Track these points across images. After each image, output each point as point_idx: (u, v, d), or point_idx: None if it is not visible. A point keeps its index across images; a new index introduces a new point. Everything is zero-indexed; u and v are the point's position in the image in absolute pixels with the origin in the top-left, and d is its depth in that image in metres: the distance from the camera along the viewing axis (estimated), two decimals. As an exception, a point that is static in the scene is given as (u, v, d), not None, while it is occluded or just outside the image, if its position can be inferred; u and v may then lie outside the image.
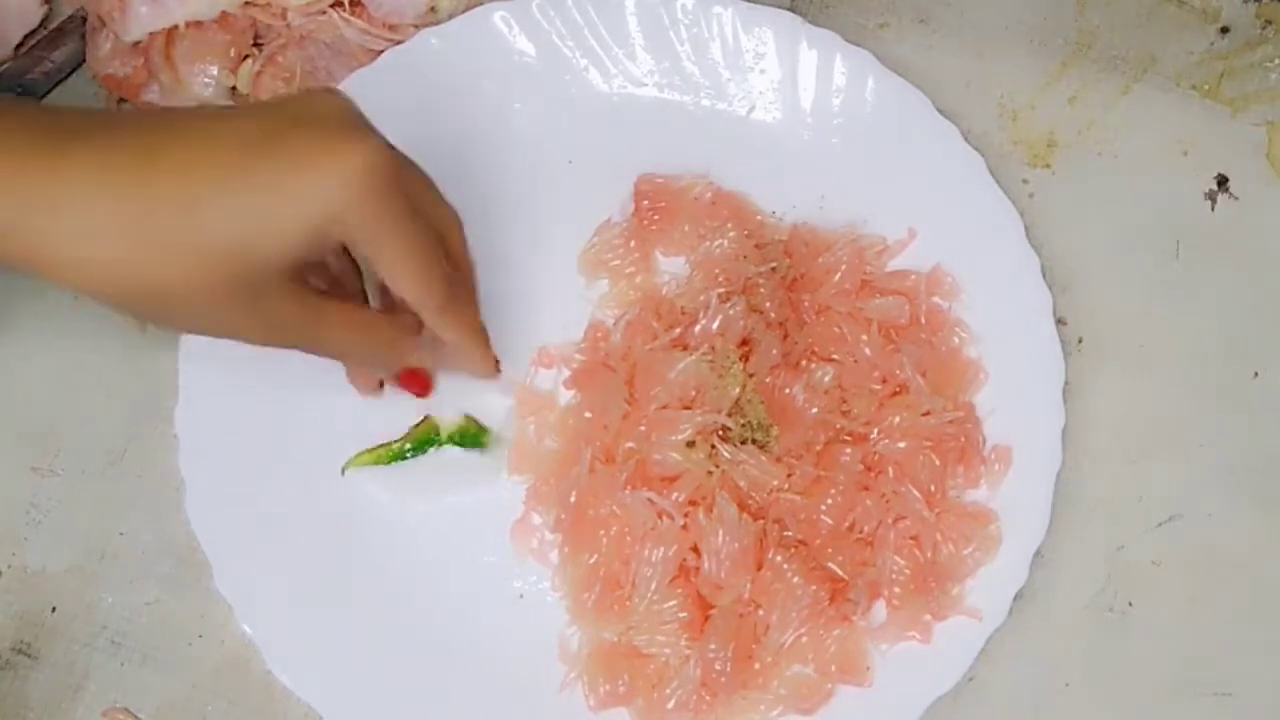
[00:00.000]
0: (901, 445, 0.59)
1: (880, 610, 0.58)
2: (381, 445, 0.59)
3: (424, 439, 0.59)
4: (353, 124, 0.47)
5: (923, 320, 0.61)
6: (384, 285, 0.52)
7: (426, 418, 0.60)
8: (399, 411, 0.60)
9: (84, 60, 0.65)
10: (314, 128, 0.46)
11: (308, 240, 0.46)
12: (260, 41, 0.64)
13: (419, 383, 0.59)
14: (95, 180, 0.44)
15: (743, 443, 0.58)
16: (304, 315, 0.49)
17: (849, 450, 0.58)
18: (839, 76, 0.63)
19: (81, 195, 0.44)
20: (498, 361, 0.56)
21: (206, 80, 0.63)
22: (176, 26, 0.63)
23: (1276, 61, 0.68)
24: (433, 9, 0.64)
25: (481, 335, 0.55)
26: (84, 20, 0.65)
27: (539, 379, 0.61)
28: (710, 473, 0.57)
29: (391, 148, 0.48)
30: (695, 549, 0.57)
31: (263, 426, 0.59)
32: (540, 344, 0.61)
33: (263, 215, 0.45)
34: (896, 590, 0.58)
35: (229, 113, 0.47)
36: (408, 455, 0.59)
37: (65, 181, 0.44)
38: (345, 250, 0.54)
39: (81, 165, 0.44)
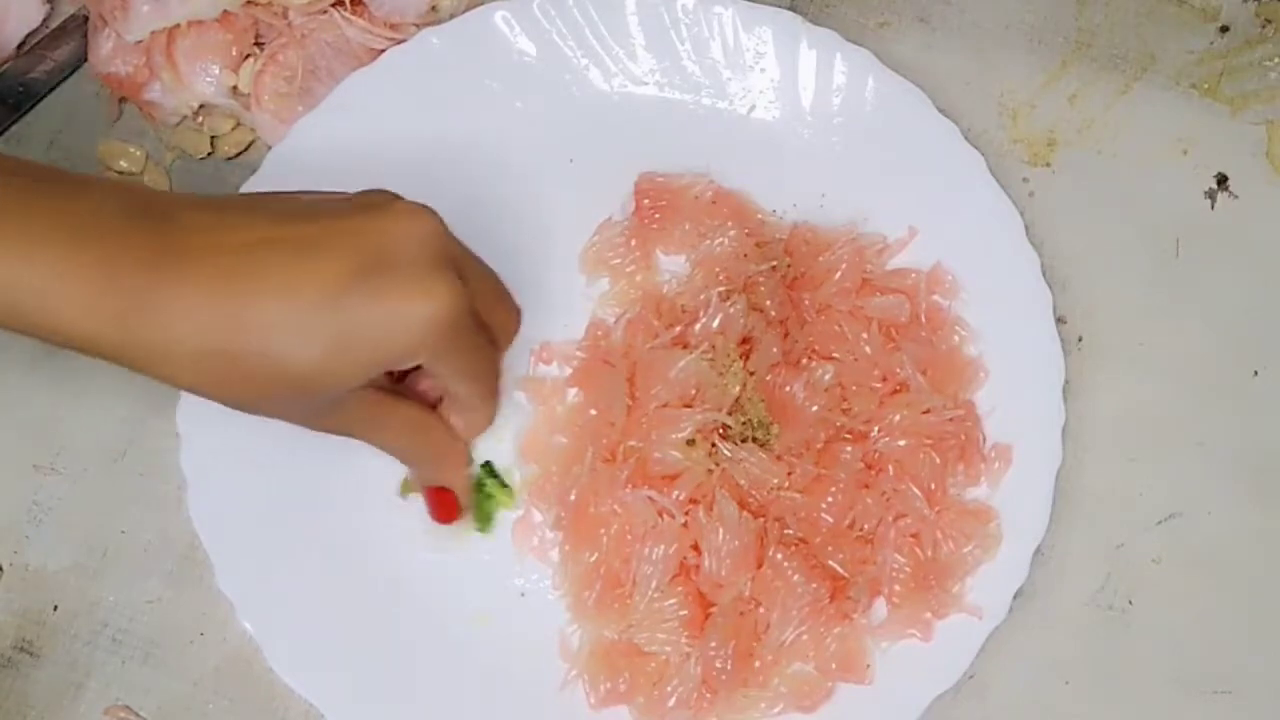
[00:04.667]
0: (902, 443, 0.59)
1: (881, 608, 0.58)
2: None
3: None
4: (436, 264, 0.48)
5: (923, 318, 0.61)
6: None
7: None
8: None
9: (85, 59, 0.65)
10: (399, 273, 0.47)
11: (380, 370, 0.49)
12: (261, 40, 0.64)
13: (446, 508, 0.58)
14: (194, 292, 0.46)
15: (743, 441, 0.58)
16: (368, 416, 0.52)
17: (849, 448, 0.59)
18: (839, 75, 0.64)
19: (180, 301, 0.46)
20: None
21: (208, 79, 0.63)
22: (178, 25, 0.63)
23: (1276, 60, 0.68)
24: (434, 8, 0.64)
25: (487, 424, 0.58)
26: (85, 19, 0.65)
27: (539, 373, 0.61)
28: (711, 471, 0.57)
29: (466, 283, 0.49)
30: (696, 547, 0.57)
31: (264, 425, 0.59)
32: (541, 341, 0.61)
33: (341, 351, 0.47)
34: (897, 588, 0.58)
35: (317, 234, 0.48)
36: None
37: (167, 289, 0.46)
38: None
39: (180, 276, 0.46)
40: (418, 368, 0.50)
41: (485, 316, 0.52)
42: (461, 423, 0.56)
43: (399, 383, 0.55)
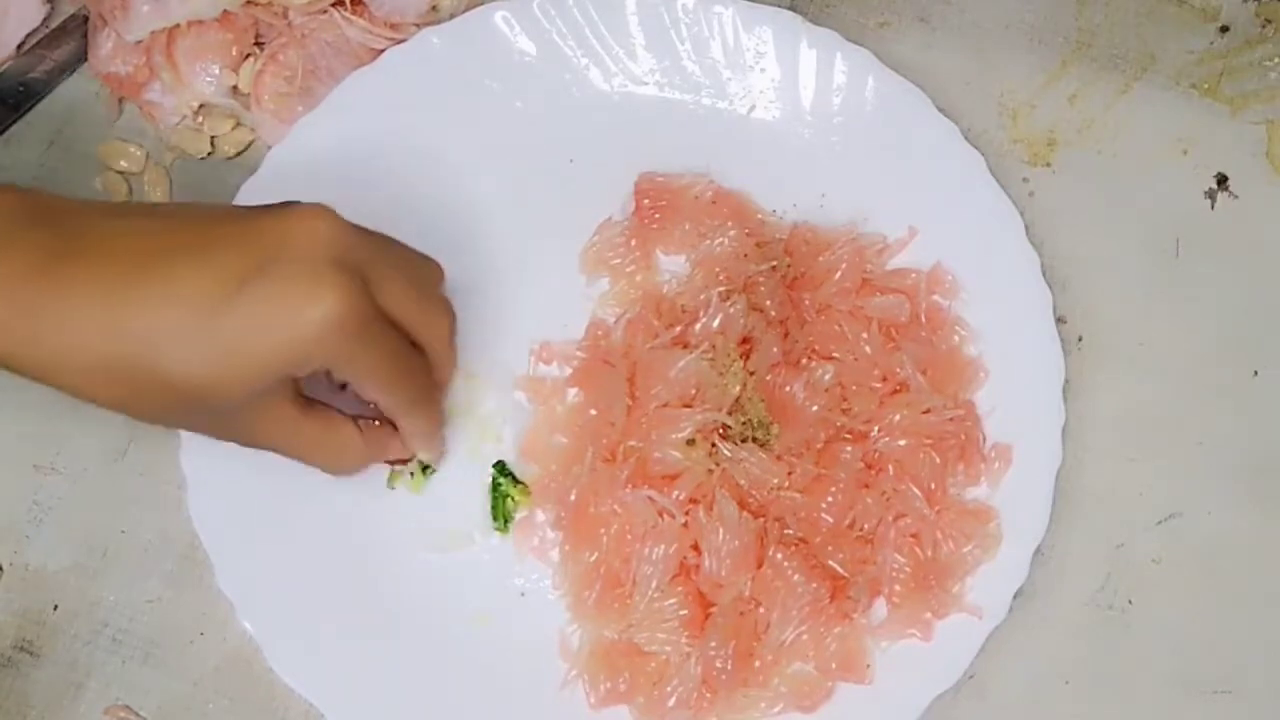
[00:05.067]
0: (902, 443, 0.59)
1: (881, 608, 0.58)
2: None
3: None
4: (327, 264, 0.47)
5: (923, 318, 0.61)
6: None
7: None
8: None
9: (85, 59, 0.65)
10: (283, 274, 0.46)
11: (272, 377, 0.47)
12: (262, 40, 0.64)
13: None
14: (83, 300, 0.45)
15: (743, 441, 0.58)
16: (276, 430, 0.51)
17: (849, 448, 0.59)
18: (839, 75, 0.64)
19: (71, 309, 0.45)
20: (444, 447, 0.59)
21: (208, 79, 0.63)
22: (178, 25, 0.63)
23: (1276, 60, 0.68)
24: (434, 8, 0.64)
25: (438, 428, 0.58)
26: (85, 19, 0.65)
27: (539, 373, 0.61)
28: (711, 471, 0.57)
29: (367, 282, 0.48)
30: (696, 547, 0.57)
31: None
32: (541, 341, 0.61)
33: (227, 361, 0.46)
34: (897, 588, 0.58)
35: (209, 239, 0.47)
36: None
37: (59, 296, 0.45)
38: None
39: (70, 284, 0.45)
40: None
41: (403, 318, 0.50)
42: (412, 429, 0.55)
43: (342, 390, 0.53)
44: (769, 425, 0.58)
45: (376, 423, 0.55)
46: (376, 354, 0.49)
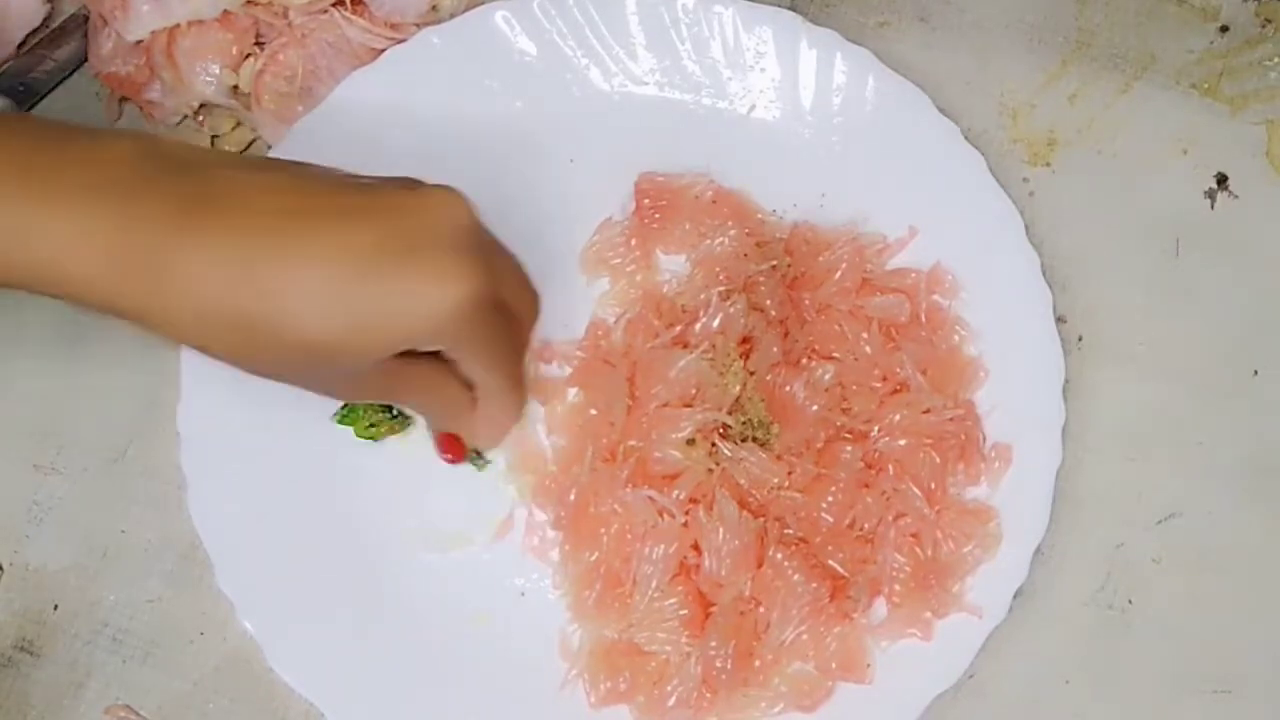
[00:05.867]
0: (902, 443, 0.59)
1: (881, 607, 0.58)
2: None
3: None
4: (465, 248, 0.48)
5: (923, 318, 0.61)
6: None
7: None
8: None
9: (86, 59, 0.65)
10: (426, 254, 0.47)
11: (399, 349, 0.48)
12: (262, 40, 0.64)
13: (454, 450, 0.58)
14: (218, 253, 0.45)
15: (743, 440, 0.58)
16: (383, 380, 0.51)
17: (849, 448, 0.59)
18: (839, 75, 0.64)
19: (204, 260, 0.45)
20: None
21: (208, 79, 0.63)
22: (178, 25, 0.63)
23: (1276, 60, 0.68)
24: (434, 8, 0.64)
25: (521, 412, 0.57)
26: (86, 19, 0.65)
27: (540, 372, 0.61)
28: (711, 470, 0.57)
29: (492, 271, 0.48)
30: (696, 546, 0.57)
31: (265, 424, 0.59)
32: (541, 340, 0.61)
33: (362, 328, 0.46)
34: (897, 587, 0.58)
35: (346, 207, 0.47)
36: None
37: (189, 245, 0.45)
38: None
39: (205, 235, 0.45)
40: None
41: (509, 303, 0.51)
42: (491, 412, 0.55)
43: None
44: (769, 425, 0.58)
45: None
46: (493, 337, 0.50)
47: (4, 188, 0.44)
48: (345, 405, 0.59)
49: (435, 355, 0.51)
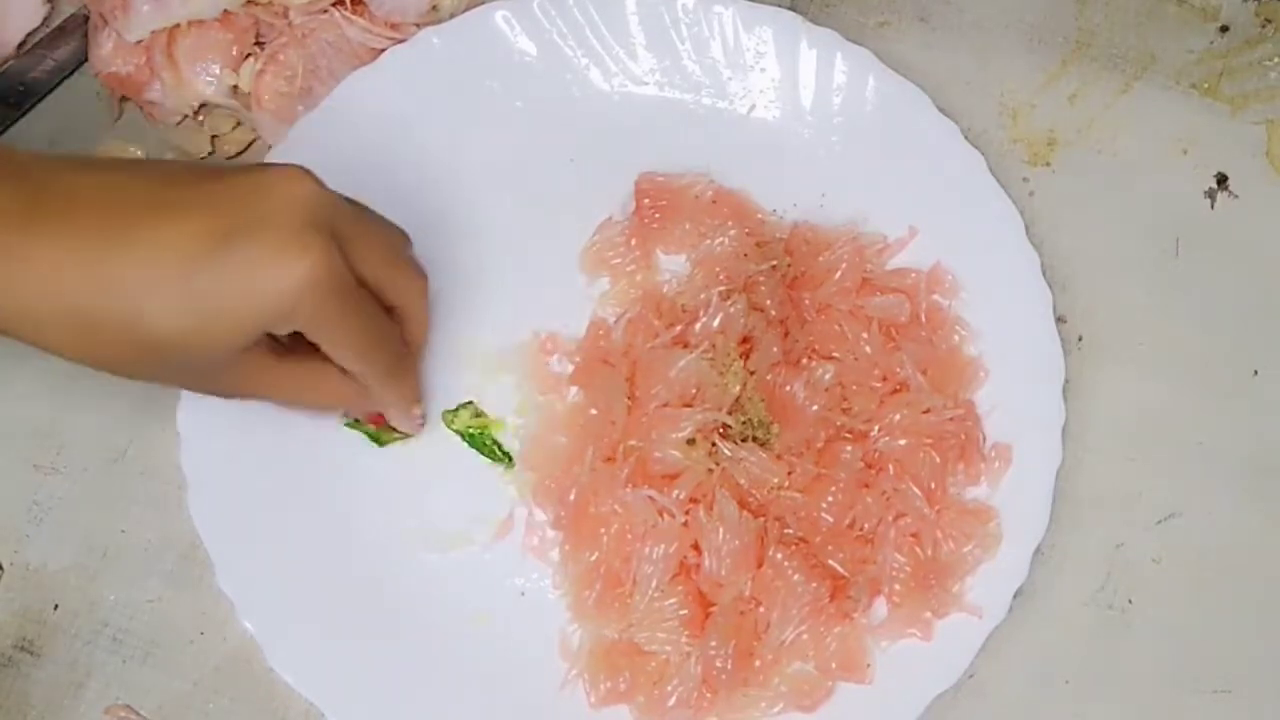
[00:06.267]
0: (902, 443, 0.59)
1: (881, 607, 0.58)
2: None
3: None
4: (305, 226, 0.47)
5: (923, 318, 0.61)
6: None
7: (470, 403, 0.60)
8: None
9: (86, 59, 0.65)
10: (264, 234, 0.47)
11: (251, 336, 0.48)
12: (262, 40, 0.64)
13: (375, 419, 0.59)
14: (63, 251, 0.46)
15: (743, 440, 0.58)
16: (255, 380, 0.51)
17: (849, 448, 0.59)
18: (839, 75, 0.64)
19: (49, 260, 0.45)
20: (424, 419, 0.59)
21: (209, 79, 0.63)
22: (179, 25, 0.63)
23: (1276, 60, 0.68)
24: (434, 8, 0.64)
25: (414, 399, 0.57)
26: (86, 19, 0.65)
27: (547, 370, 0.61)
28: (711, 470, 0.57)
29: (343, 247, 0.48)
30: (696, 546, 0.57)
31: (265, 424, 0.59)
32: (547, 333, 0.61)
33: (207, 318, 0.46)
34: (897, 587, 0.58)
35: (187, 196, 0.47)
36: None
37: (34, 247, 0.45)
38: None
39: (50, 235, 0.46)
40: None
41: (377, 281, 0.51)
42: (384, 410, 0.55)
43: None
44: (769, 425, 0.58)
45: None
46: (352, 317, 0.50)
47: None
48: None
49: (314, 351, 0.51)
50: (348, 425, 0.59)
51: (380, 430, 0.59)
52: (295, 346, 0.52)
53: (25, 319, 0.46)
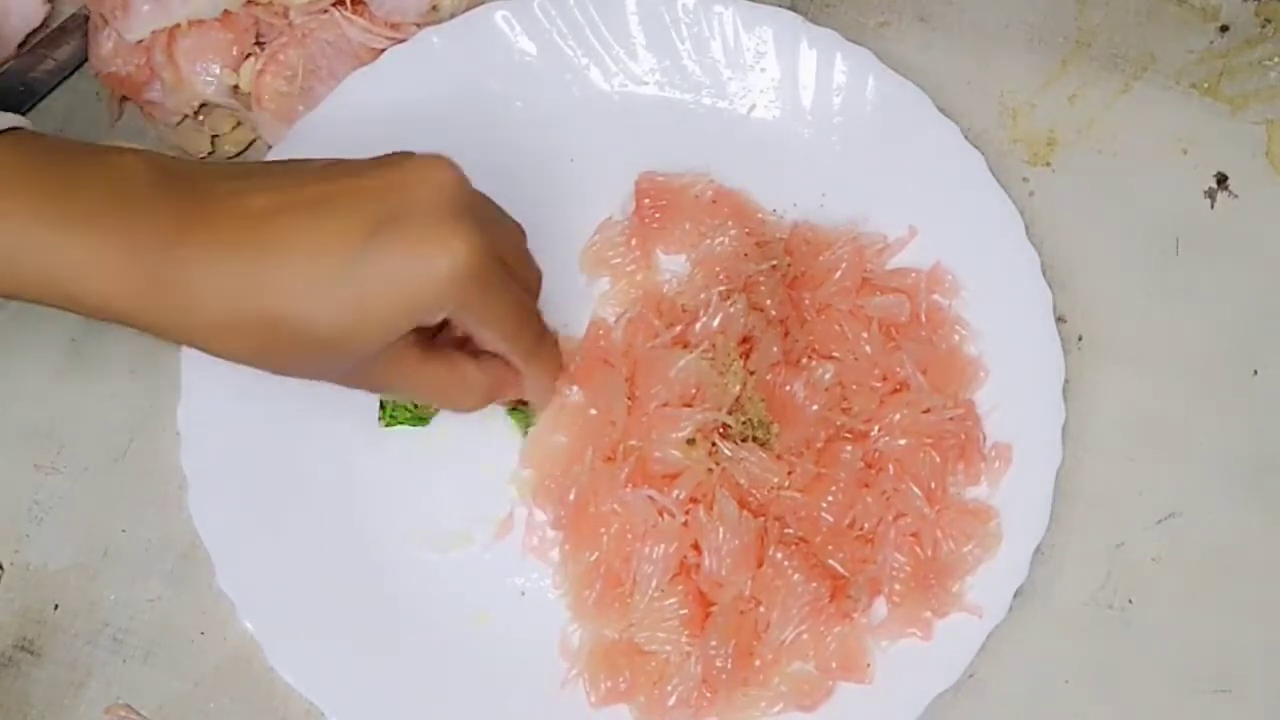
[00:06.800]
0: (902, 442, 0.59)
1: (881, 607, 0.58)
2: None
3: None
4: (453, 213, 0.48)
5: (923, 318, 0.61)
6: None
7: None
8: (400, 409, 0.60)
9: (86, 59, 0.65)
10: (414, 223, 0.47)
11: (405, 327, 0.49)
12: (262, 40, 0.64)
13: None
14: (217, 252, 0.47)
15: (743, 440, 0.58)
16: (402, 373, 0.52)
17: (849, 447, 0.59)
18: (839, 75, 0.64)
19: (204, 269, 0.47)
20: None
21: (209, 79, 0.63)
22: (179, 25, 0.63)
23: (1276, 60, 0.68)
24: (434, 8, 0.64)
25: (558, 373, 0.58)
26: (86, 19, 0.65)
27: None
28: (711, 470, 0.57)
29: (487, 232, 0.49)
30: (696, 546, 0.57)
31: (265, 424, 0.59)
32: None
33: (363, 309, 0.47)
34: (897, 587, 0.58)
35: (334, 192, 0.48)
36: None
37: (192, 256, 0.47)
38: None
39: (205, 239, 0.47)
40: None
41: (512, 266, 0.51)
42: (532, 374, 0.56)
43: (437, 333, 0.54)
44: (769, 425, 0.58)
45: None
46: (502, 301, 0.50)
47: (16, 207, 0.46)
48: (384, 407, 0.59)
49: (456, 349, 0.52)
50: (386, 425, 0.60)
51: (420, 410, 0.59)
52: (437, 347, 0.53)
53: (188, 328, 0.48)
